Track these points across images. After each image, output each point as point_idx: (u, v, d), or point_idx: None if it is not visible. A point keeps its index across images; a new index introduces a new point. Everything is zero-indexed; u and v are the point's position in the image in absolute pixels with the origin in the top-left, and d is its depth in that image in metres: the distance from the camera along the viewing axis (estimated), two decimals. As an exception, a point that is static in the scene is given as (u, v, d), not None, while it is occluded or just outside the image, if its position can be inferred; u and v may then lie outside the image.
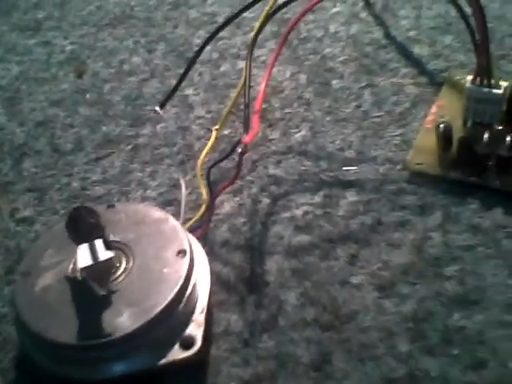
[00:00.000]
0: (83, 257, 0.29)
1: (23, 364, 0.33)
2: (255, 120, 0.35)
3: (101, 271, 0.30)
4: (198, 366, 0.31)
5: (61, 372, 0.30)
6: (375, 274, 0.34)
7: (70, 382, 0.30)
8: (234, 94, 0.50)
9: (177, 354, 0.29)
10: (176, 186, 0.42)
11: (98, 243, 0.30)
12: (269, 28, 0.55)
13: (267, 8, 0.41)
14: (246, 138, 0.33)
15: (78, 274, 0.31)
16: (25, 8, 0.65)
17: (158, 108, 0.39)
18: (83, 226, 0.30)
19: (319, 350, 0.31)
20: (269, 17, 0.41)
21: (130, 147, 0.46)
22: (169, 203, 0.41)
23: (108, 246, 0.31)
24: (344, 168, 0.41)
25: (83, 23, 0.61)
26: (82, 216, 0.30)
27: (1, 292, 0.37)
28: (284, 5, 0.42)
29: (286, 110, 0.47)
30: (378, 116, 0.45)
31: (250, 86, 0.38)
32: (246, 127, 0.34)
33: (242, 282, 0.35)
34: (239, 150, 0.32)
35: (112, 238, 0.32)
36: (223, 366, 0.32)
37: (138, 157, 0.45)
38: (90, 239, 0.30)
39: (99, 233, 0.30)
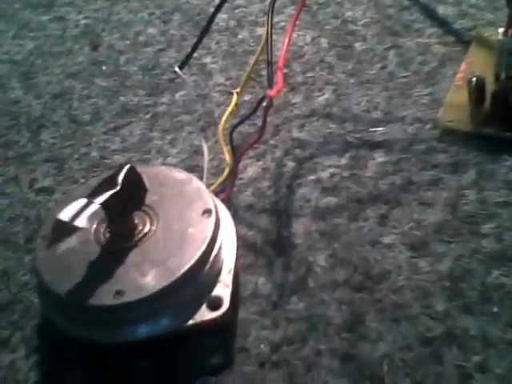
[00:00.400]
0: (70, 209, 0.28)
1: (46, 331, 0.32)
2: (279, 75, 0.33)
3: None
4: (226, 329, 0.30)
5: (84, 336, 0.29)
6: (407, 234, 0.33)
7: (94, 345, 0.29)
8: (253, 60, 0.49)
9: (204, 314, 0.28)
10: (197, 152, 0.41)
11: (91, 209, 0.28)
12: (287, -5, 0.54)
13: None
14: (271, 92, 0.31)
15: (102, 236, 0.30)
16: (37, -15, 0.64)
17: (177, 68, 0.38)
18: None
19: (351, 310, 0.30)
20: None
21: (148, 116, 0.45)
22: (190, 169, 0.40)
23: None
24: (371, 129, 0.39)
25: (97, -3, 0.60)
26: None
27: (21, 260, 0.36)
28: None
29: (308, 74, 0.46)
30: (405, 76, 0.43)
31: (271, 43, 0.36)
32: (270, 84, 0.33)
33: (268, 245, 0.34)
34: (264, 104, 0.31)
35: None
36: (252, 328, 0.30)
37: (157, 125, 0.44)
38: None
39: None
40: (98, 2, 0.59)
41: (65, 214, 0.28)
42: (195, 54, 0.50)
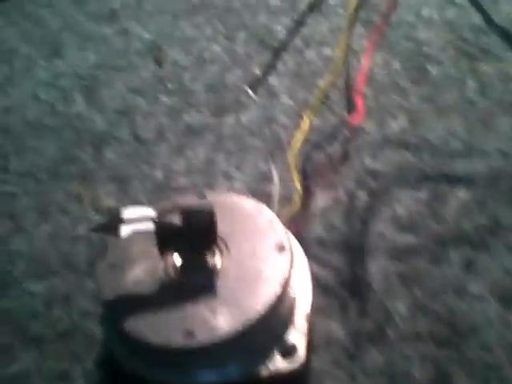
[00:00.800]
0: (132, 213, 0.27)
1: (107, 365, 0.31)
2: (359, 102, 0.31)
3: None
4: (297, 378, 0.28)
5: (148, 375, 0.27)
6: (497, 284, 0.30)
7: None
8: (321, 82, 0.47)
9: (277, 363, 0.26)
10: (264, 177, 0.40)
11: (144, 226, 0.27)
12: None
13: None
14: (354, 120, 0.29)
15: (172, 271, 0.28)
16: (101, -3, 0.64)
17: (248, 89, 0.36)
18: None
19: (436, 368, 0.28)
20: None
21: (213, 137, 0.43)
22: (257, 196, 0.38)
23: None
24: (450, 161, 0.37)
25: (160, 12, 0.59)
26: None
27: (83, 286, 0.35)
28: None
29: (380, 98, 0.43)
30: (486, 104, 0.41)
31: (349, 67, 0.34)
32: (349, 109, 0.31)
33: (342, 285, 0.32)
34: (346, 133, 0.29)
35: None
36: (326, 380, 0.28)
37: (222, 147, 0.42)
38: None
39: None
40: (162, 16, 0.58)
41: (126, 213, 0.27)
42: (260, 73, 0.49)
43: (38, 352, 0.32)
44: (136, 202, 0.39)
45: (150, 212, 0.27)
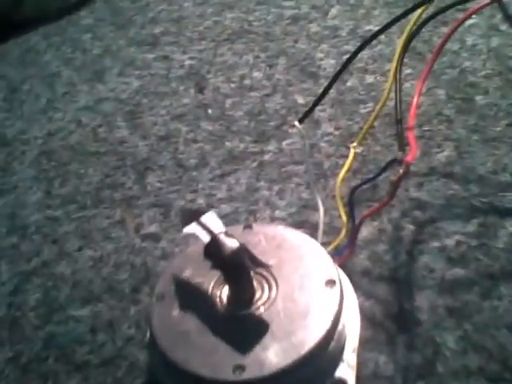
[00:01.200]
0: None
1: (152, 393, 0.31)
2: (411, 138, 0.31)
3: None
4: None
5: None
6: (551, 320, 0.29)
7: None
8: (363, 110, 0.47)
9: (327, 399, 0.26)
10: (306, 206, 0.39)
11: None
12: (397, 41, 0.52)
13: (410, 25, 0.38)
14: (409, 157, 0.29)
15: (219, 300, 0.28)
16: (141, 23, 0.65)
17: (296, 123, 0.36)
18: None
19: (489, 406, 0.27)
20: (412, 34, 0.38)
21: (255, 164, 0.44)
22: (300, 224, 0.38)
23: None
24: (500, 194, 0.36)
25: (201, 38, 0.60)
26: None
27: (127, 312, 0.35)
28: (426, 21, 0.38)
29: (425, 128, 0.43)
30: (535, 136, 0.40)
31: (401, 101, 0.34)
32: (401, 145, 0.31)
33: (389, 318, 0.31)
34: (400, 170, 0.29)
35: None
36: (374, 415, 0.28)
37: (264, 174, 0.43)
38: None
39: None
40: (203, 42, 0.59)
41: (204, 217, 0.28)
42: (301, 101, 0.49)
43: (82, 378, 0.32)
44: (179, 228, 0.39)
45: (220, 228, 0.28)
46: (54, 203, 0.44)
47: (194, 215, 0.29)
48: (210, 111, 0.50)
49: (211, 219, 0.29)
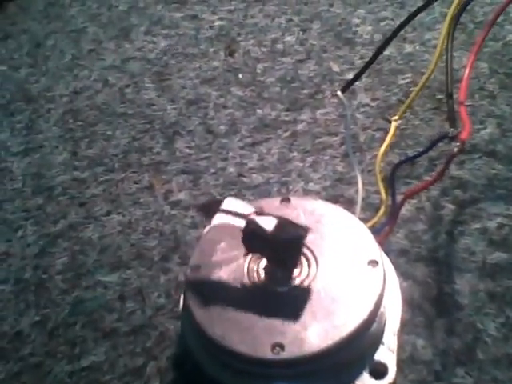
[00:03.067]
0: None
1: (182, 365, 0.30)
2: (463, 113, 0.29)
3: None
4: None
5: (230, 383, 0.26)
6: None
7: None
8: (402, 80, 0.45)
9: (367, 382, 0.25)
10: (341, 180, 0.38)
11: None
12: (438, 9, 0.50)
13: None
14: (463, 134, 0.27)
15: (256, 275, 0.27)
16: (170, -20, 0.63)
17: (339, 92, 0.35)
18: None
19: (532, 396, 0.26)
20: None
21: (288, 133, 0.42)
22: (334, 199, 0.37)
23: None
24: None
25: (231, -3, 0.58)
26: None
27: (157, 280, 0.34)
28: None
29: (467, 103, 0.41)
30: None
31: (452, 73, 0.32)
32: (452, 121, 0.29)
33: (427, 300, 0.31)
34: (455, 148, 0.27)
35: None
36: (411, 399, 0.27)
37: (297, 144, 0.41)
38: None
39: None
40: (233, 2, 0.57)
41: (225, 203, 0.27)
42: (336, 69, 0.47)
43: (110, 346, 0.32)
44: (208, 196, 0.39)
45: (248, 209, 0.26)
46: (80, 165, 0.43)
47: (213, 206, 0.27)
48: (240, 76, 0.48)
49: (234, 204, 0.27)
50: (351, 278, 0.27)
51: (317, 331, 0.25)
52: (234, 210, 0.27)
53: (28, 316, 0.34)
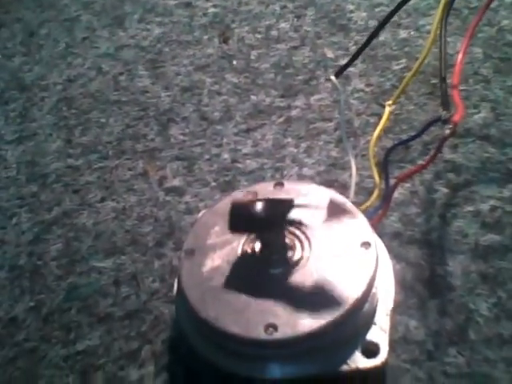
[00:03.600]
0: None
1: (177, 348, 0.30)
2: (456, 96, 0.29)
3: None
4: (375, 375, 0.27)
5: (224, 365, 0.27)
6: None
7: (232, 377, 0.27)
8: (396, 66, 0.45)
9: (358, 361, 0.25)
10: (335, 165, 0.38)
11: None
12: (432, -6, 0.49)
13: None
14: (456, 117, 0.27)
15: (252, 261, 0.28)
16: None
17: (333, 77, 0.35)
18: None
19: (522, 374, 0.26)
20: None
21: (282, 119, 0.42)
22: (328, 184, 0.37)
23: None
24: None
25: (225, -15, 0.58)
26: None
27: (151, 265, 0.34)
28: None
29: (461, 87, 0.41)
30: None
31: (445, 58, 0.32)
32: (445, 104, 0.29)
33: (420, 282, 0.31)
34: (446, 130, 0.27)
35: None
36: (403, 379, 0.27)
37: (291, 130, 0.41)
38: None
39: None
40: (227, -11, 0.57)
41: None
42: (330, 55, 0.47)
43: (105, 330, 0.32)
44: (203, 182, 0.39)
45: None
46: (74, 152, 0.43)
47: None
48: (234, 62, 0.48)
49: None
50: (344, 259, 0.27)
51: (309, 312, 0.25)
52: None
53: (23, 302, 0.34)
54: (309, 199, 0.30)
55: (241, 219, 0.26)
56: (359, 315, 0.26)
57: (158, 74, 0.48)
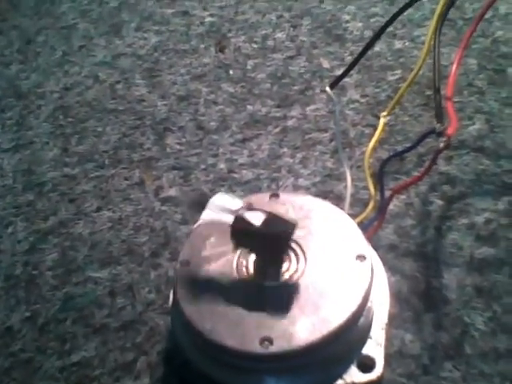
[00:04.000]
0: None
1: (172, 359, 0.30)
2: (450, 108, 0.30)
3: None
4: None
5: (220, 378, 0.27)
6: None
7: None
8: (391, 77, 0.45)
9: (354, 375, 0.26)
10: (331, 176, 0.38)
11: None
12: (428, 5, 0.50)
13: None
14: (450, 130, 0.28)
15: (247, 273, 0.28)
16: (161, -24, 0.63)
17: (328, 88, 0.35)
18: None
19: (518, 389, 0.27)
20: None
21: (278, 130, 0.42)
22: (324, 195, 0.37)
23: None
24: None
25: (222, -6, 0.58)
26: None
27: (147, 276, 0.34)
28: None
29: (455, 99, 0.41)
30: None
31: (439, 69, 0.32)
32: (439, 116, 0.29)
33: (415, 295, 0.31)
34: (441, 144, 0.27)
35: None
36: (399, 392, 0.27)
37: (287, 140, 0.41)
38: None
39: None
40: (224, -1, 0.57)
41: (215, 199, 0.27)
42: (326, 65, 0.48)
43: (101, 341, 0.32)
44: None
45: (237, 204, 0.27)
46: (71, 161, 0.43)
47: (202, 201, 0.28)
48: (231, 72, 0.48)
49: (224, 199, 0.28)
50: (339, 272, 0.27)
51: (305, 325, 0.25)
52: (223, 205, 0.27)
53: (18, 312, 0.34)
54: (304, 211, 0.30)
55: (243, 235, 0.26)
56: (355, 329, 0.26)
57: (155, 82, 0.48)
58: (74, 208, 0.39)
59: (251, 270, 0.28)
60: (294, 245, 0.29)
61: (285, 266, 0.28)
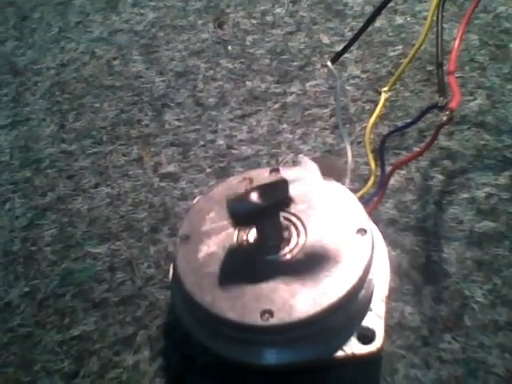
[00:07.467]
0: None
1: (172, 333, 0.30)
2: (453, 82, 0.29)
3: None
4: (370, 361, 0.27)
5: (220, 351, 0.27)
6: None
7: (227, 362, 0.27)
8: (392, 52, 0.45)
9: (354, 347, 0.25)
10: (331, 151, 0.38)
11: None
12: (429, -20, 0.49)
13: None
14: (453, 103, 0.27)
15: (247, 246, 0.27)
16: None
17: (329, 63, 0.34)
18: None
19: (517, 360, 0.27)
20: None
21: (277, 105, 0.42)
22: (323, 170, 0.37)
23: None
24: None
25: (220, -31, 0.57)
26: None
27: (146, 252, 0.34)
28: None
29: (457, 74, 0.41)
30: None
31: (442, 44, 0.32)
32: (442, 91, 0.29)
33: (415, 269, 0.31)
34: (444, 117, 0.27)
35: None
36: (399, 364, 0.28)
37: (286, 116, 0.41)
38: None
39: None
40: (222, -27, 0.56)
41: None
42: (326, 41, 0.47)
43: (100, 316, 0.32)
44: (198, 169, 0.38)
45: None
46: (68, 137, 0.42)
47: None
48: (229, 48, 0.47)
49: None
50: (340, 246, 0.27)
51: (305, 298, 0.25)
52: None
53: (17, 287, 0.34)
54: (305, 186, 0.30)
55: (242, 215, 0.26)
56: (355, 301, 0.26)
57: (153, 59, 0.48)
58: (72, 184, 0.39)
59: (252, 243, 0.28)
60: (294, 219, 0.28)
61: (285, 239, 0.28)
